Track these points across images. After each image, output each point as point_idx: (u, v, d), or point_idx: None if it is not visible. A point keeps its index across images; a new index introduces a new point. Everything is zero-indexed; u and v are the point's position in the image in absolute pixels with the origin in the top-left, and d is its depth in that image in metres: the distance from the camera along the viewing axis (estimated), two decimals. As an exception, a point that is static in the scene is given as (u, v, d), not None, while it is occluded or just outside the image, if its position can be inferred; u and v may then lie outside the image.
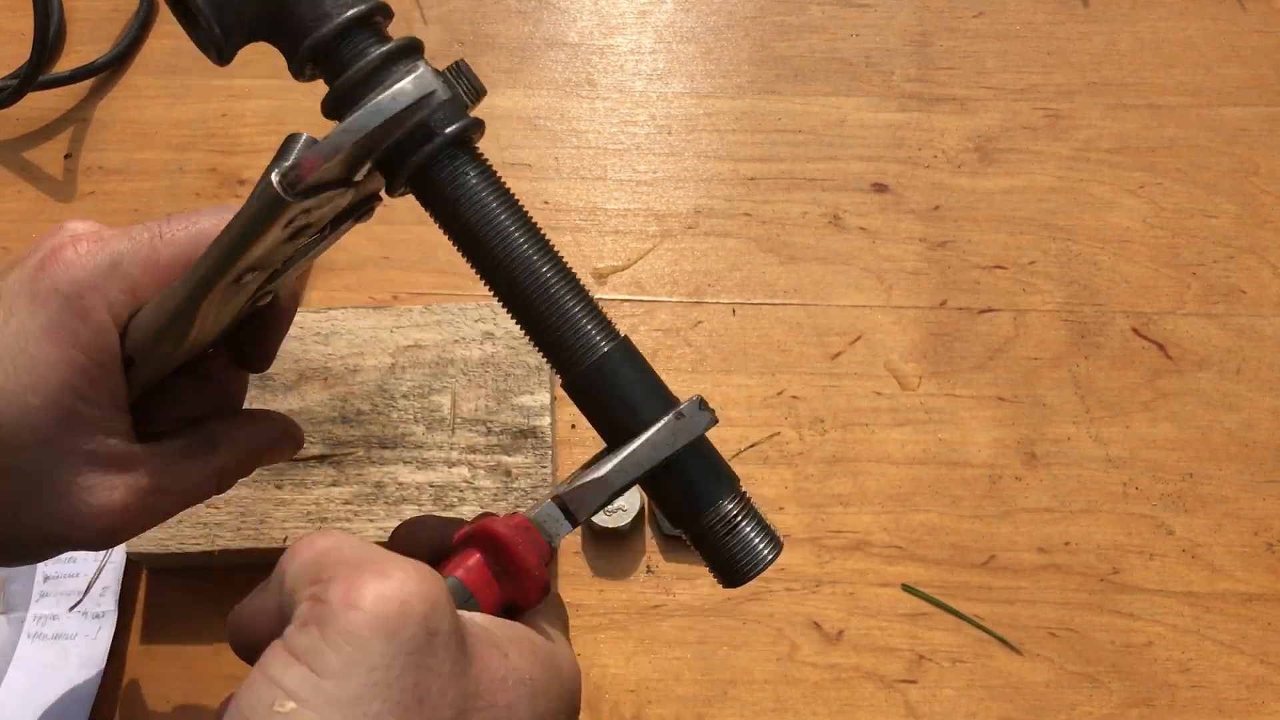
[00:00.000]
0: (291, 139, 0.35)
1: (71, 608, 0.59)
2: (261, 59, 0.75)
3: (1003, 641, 0.59)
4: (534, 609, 0.36)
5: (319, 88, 0.60)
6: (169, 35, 0.76)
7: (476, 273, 0.38)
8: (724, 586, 0.38)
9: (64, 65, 0.75)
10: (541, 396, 0.61)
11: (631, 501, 0.60)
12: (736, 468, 0.63)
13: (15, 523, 0.38)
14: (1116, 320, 0.67)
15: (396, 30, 0.37)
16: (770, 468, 0.63)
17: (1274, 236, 0.70)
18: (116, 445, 0.39)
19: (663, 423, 0.36)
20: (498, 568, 0.35)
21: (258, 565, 0.59)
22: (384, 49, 0.36)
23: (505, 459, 0.59)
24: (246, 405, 0.48)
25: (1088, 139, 0.73)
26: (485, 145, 0.73)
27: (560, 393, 0.64)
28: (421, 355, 0.62)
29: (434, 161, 0.36)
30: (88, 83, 0.75)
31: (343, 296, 0.68)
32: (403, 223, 0.70)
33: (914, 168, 0.72)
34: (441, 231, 0.37)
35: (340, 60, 0.36)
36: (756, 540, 0.37)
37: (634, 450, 0.36)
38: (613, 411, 0.37)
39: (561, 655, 0.35)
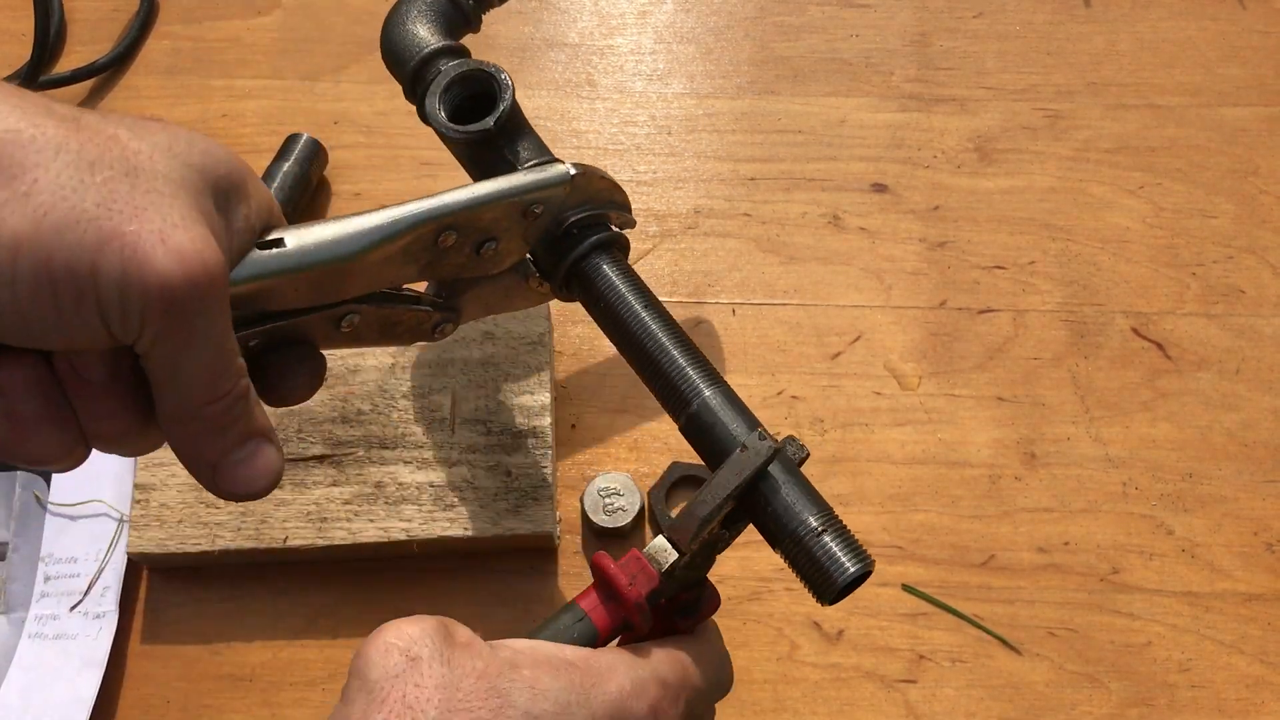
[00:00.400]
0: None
1: (72, 608, 0.59)
2: (261, 59, 0.75)
3: (1002, 641, 0.59)
4: (655, 644, 0.42)
5: (317, 88, 0.60)
6: (169, 35, 0.76)
7: (612, 341, 0.48)
8: (819, 602, 0.41)
9: (64, 65, 0.75)
10: (541, 396, 0.61)
11: (631, 501, 0.60)
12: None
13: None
14: (1116, 320, 0.67)
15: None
16: (770, 468, 0.63)
17: (1273, 236, 0.70)
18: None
19: (732, 456, 0.41)
20: (605, 594, 0.41)
21: (258, 565, 0.59)
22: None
23: (505, 459, 0.59)
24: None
25: (1087, 139, 0.73)
26: (485, 145, 0.73)
27: (560, 393, 0.65)
28: (421, 355, 0.62)
29: (582, 262, 0.48)
30: (88, 83, 0.75)
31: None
32: (403, 223, 0.70)
33: (914, 168, 0.72)
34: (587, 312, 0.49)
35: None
36: (839, 552, 0.40)
37: (712, 481, 0.41)
38: (707, 450, 0.44)
39: (609, 687, 0.39)
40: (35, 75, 0.70)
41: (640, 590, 0.41)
